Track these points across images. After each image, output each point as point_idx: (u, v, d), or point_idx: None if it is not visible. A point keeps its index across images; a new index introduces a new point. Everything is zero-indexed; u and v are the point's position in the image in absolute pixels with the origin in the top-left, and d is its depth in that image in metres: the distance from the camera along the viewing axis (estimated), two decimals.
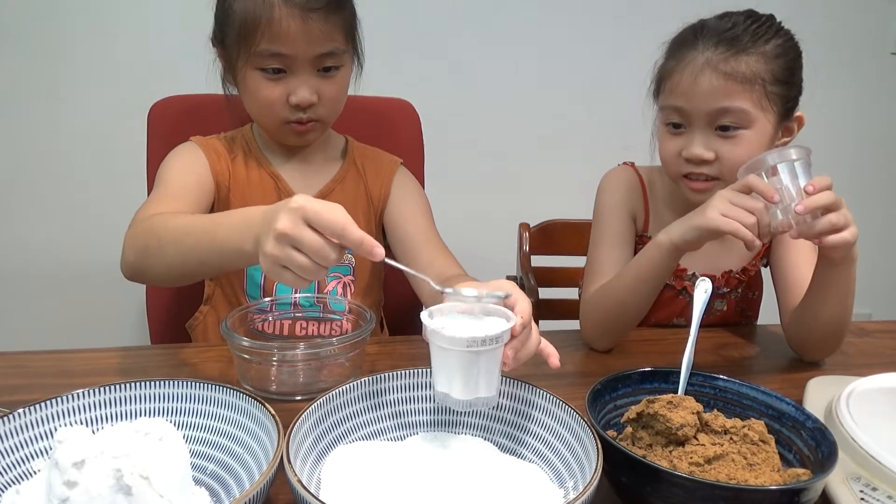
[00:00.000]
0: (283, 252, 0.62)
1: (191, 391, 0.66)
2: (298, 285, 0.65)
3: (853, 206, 0.82)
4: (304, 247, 0.62)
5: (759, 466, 0.59)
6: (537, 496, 0.60)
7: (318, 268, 0.63)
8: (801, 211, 0.77)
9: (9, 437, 0.59)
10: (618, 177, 1.10)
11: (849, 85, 2.19)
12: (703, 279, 0.76)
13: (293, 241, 0.62)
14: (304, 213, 0.62)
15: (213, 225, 0.77)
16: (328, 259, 0.63)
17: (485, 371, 0.62)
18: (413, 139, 1.36)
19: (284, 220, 0.62)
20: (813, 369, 0.97)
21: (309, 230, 0.62)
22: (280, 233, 0.62)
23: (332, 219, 0.62)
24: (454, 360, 0.61)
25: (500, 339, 0.61)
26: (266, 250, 0.63)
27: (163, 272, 0.85)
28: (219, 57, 1.01)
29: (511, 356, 0.63)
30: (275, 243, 0.62)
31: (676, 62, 0.93)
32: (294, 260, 0.62)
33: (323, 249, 0.62)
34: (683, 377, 0.70)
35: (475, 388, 0.62)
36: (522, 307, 0.65)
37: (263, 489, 0.53)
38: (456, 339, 0.60)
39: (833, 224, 0.79)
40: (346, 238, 0.62)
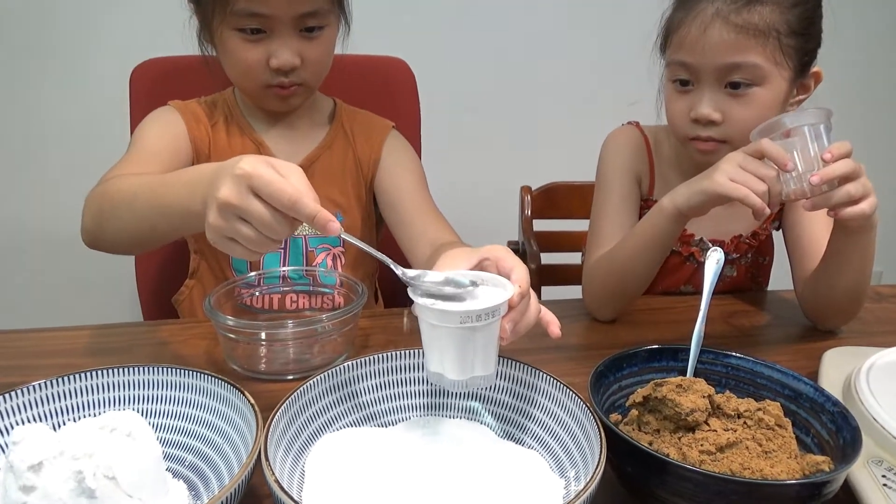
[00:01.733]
0: (228, 223, 0.56)
1: (165, 377, 0.62)
2: (248, 258, 0.59)
3: (868, 160, 0.76)
4: (251, 219, 0.56)
5: (776, 454, 0.55)
6: (537, 485, 0.56)
7: (268, 240, 0.57)
8: (817, 182, 0.72)
9: None
10: (622, 138, 1.04)
11: (870, 32, 2.09)
12: (715, 249, 0.71)
13: (238, 211, 0.56)
14: (250, 181, 0.55)
15: (162, 184, 0.71)
16: (278, 233, 0.57)
17: (481, 348, 0.56)
18: (408, 99, 1.30)
19: (229, 189, 0.55)
20: (828, 338, 0.93)
21: (256, 201, 0.55)
22: (223, 202, 0.55)
23: (282, 189, 0.55)
24: (447, 338, 0.56)
25: (496, 312, 0.56)
26: (209, 220, 0.57)
27: (117, 237, 0.80)
28: (194, 15, 0.94)
29: (509, 329, 0.57)
30: (217, 213, 0.56)
31: (685, 13, 0.86)
32: (240, 232, 0.57)
33: (272, 223, 0.56)
34: (693, 356, 0.65)
35: (471, 366, 0.57)
36: (519, 275, 0.59)
37: (240, 487, 0.49)
38: (448, 315, 0.54)
39: (850, 195, 0.73)
40: (299, 212, 0.56)
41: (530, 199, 1.42)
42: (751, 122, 0.83)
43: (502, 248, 0.63)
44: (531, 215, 1.42)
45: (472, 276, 0.59)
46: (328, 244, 1.05)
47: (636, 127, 1.06)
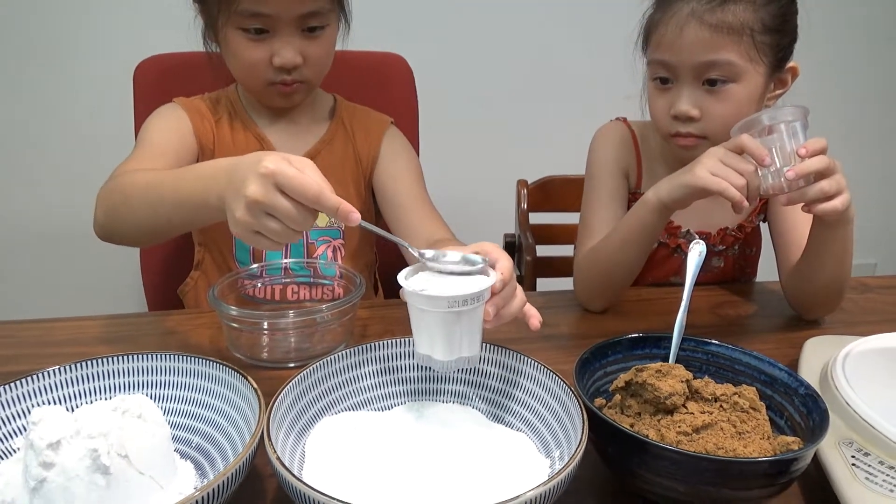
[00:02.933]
0: (257, 220, 0.60)
1: (173, 364, 0.65)
2: (273, 248, 0.64)
3: (857, 154, 0.79)
4: (279, 214, 0.60)
5: (749, 435, 0.58)
6: (524, 465, 0.60)
7: (293, 232, 0.61)
8: (792, 177, 0.75)
9: None
10: (609, 133, 1.07)
11: (851, 27, 2.11)
12: (698, 241, 0.74)
13: (266, 208, 0.60)
14: (275, 179, 0.59)
15: (176, 178, 0.75)
16: (303, 225, 0.61)
17: (466, 330, 0.60)
18: (407, 95, 1.32)
19: (256, 187, 0.59)
20: (812, 328, 0.96)
21: (282, 197, 0.59)
22: (252, 200, 0.59)
23: (306, 185, 0.59)
24: (435, 322, 0.60)
25: (480, 297, 0.60)
26: (237, 216, 0.61)
27: (132, 230, 0.83)
28: (199, 14, 0.97)
29: (492, 314, 0.62)
30: (246, 210, 0.60)
31: (662, 13, 0.89)
32: (267, 227, 0.60)
33: (297, 217, 0.60)
34: (675, 343, 0.68)
35: (458, 348, 0.61)
36: (503, 265, 0.64)
37: (244, 466, 0.52)
38: (436, 300, 0.58)
39: (824, 192, 0.76)
40: (322, 205, 0.60)
41: (527, 192, 1.45)
42: (728, 117, 0.86)
43: (489, 244, 0.67)
44: (527, 208, 1.45)
45: (477, 257, 0.63)
46: (328, 237, 1.08)
47: (624, 122, 1.09)
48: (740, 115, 0.88)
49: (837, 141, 1.04)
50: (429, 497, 0.54)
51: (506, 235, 1.50)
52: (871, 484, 0.58)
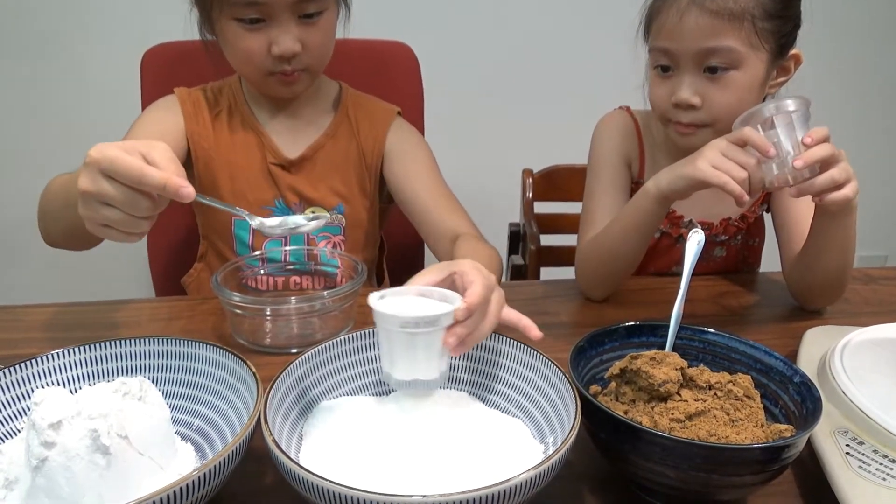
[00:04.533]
0: (94, 211, 0.60)
1: (173, 348, 0.66)
2: (124, 239, 0.63)
3: (867, 146, 0.78)
4: (111, 201, 0.59)
5: (742, 422, 0.58)
6: (518, 449, 0.60)
7: (136, 219, 0.61)
8: (800, 166, 0.74)
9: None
10: (612, 122, 1.07)
11: (860, 17, 2.09)
12: (696, 230, 0.74)
13: (97, 197, 0.59)
14: (99, 166, 0.59)
15: (69, 183, 0.74)
16: (141, 210, 0.60)
17: (423, 353, 0.60)
18: (412, 84, 1.32)
19: (83, 178, 0.59)
20: (814, 318, 0.96)
21: (109, 183, 0.59)
22: (82, 191, 0.59)
23: (126, 166, 0.58)
24: (392, 340, 0.60)
25: (436, 322, 0.59)
26: (80, 212, 0.61)
27: (56, 235, 0.85)
28: (195, 6, 0.96)
29: (453, 343, 0.59)
30: (83, 204, 0.60)
31: (663, 1, 0.89)
32: (107, 216, 0.60)
33: (130, 200, 0.59)
34: (672, 331, 0.69)
35: (414, 370, 0.61)
36: (474, 292, 0.60)
37: (241, 447, 0.53)
38: (389, 318, 0.59)
39: (834, 180, 0.75)
40: (147, 185, 0.59)
41: (532, 181, 1.45)
42: (730, 105, 0.86)
43: (470, 264, 0.64)
44: (532, 198, 1.45)
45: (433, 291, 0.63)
46: (329, 233, 1.08)
47: (627, 111, 1.08)
48: (742, 103, 0.88)
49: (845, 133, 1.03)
50: (423, 480, 0.55)
51: (511, 224, 1.51)
52: (864, 472, 0.58)
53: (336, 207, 1.07)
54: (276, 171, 1.04)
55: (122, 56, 1.39)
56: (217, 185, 1.04)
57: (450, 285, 0.64)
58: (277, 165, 1.04)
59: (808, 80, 0.95)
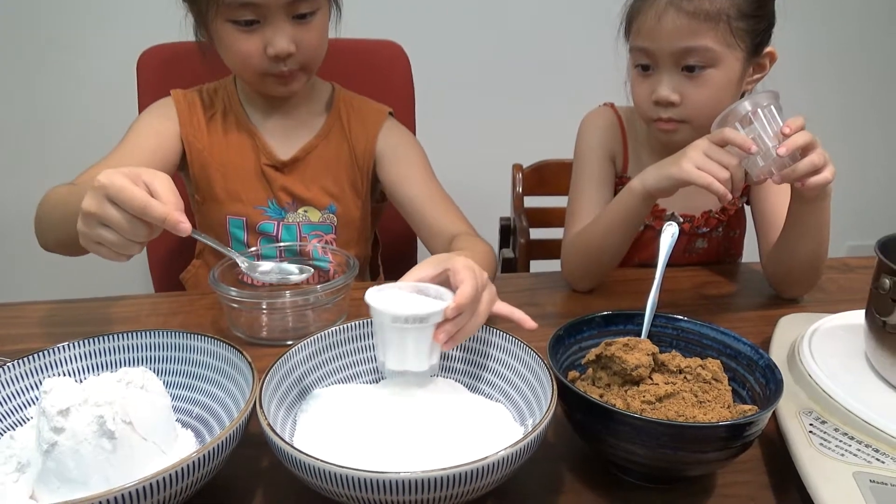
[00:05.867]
0: (91, 230, 0.65)
1: (173, 340, 0.70)
2: (113, 258, 0.67)
3: (861, 136, 0.81)
4: (111, 224, 0.64)
5: (710, 404, 0.62)
6: (499, 431, 0.64)
7: (131, 243, 0.65)
8: (784, 153, 0.78)
9: (3, 387, 0.63)
10: (597, 119, 1.10)
11: (861, 10, 2.12)
12: (671, 223, 0.77)
13: (98, 218, 0.64)
14: (106, 191, 0.63)
15: (70, 195, 0.79)
16: (137, 235, 0.65)
17: (413, 347, 0.64)
18: (403, 82, 1.34)
19: (89, 200, 0.64)
20: (791, 306, 0.99)
21: (113, 208, 0.64)
22: (85, 211, 0.64)
23: (133, 197, 0.63)
24: (385, 333, 0.65)
25: (426, 319, 0.63)
26: (78, 227, 0.65)
27: (52, 242, 0.89)
28: (189, 11, 0.99)
29: (443, 339, 0.63)
30: (82, 221, 0.65)
31: (642, 2, 0.92)
32: (103, 236, 0.65)
33: (128, 227, 0.64)
34: (647, 319, 0.72)
35: (404, 361, 0.65)
36: (463, 291, 0.64)
37: (237, 432, 0.56)
38: (381, 314, 0.63)
39: (814, 164, 0.79)
40: (149, 216, 0.64)
41: (521, 176, 1.49)
42: (707, 102, 0.89)
43: (463, 263, 0.67)
44: (522, 192, 1.48)
45: (429, 288, 0.67)
46: (320, 231, 1.11)
47: (611, 108, 1.12)
48: (719, 100, 0.91)
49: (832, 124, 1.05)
50: (408, 460, 0.58)
51: (501, 219, 1.54)
52: (825, 449, 0.62)
53: (328, 207, 1.10)
54: (269, 171, 1.07)
55: (119, 57, 1.42)
56: (211, 186, 1.07)
57: (444, 281, 0.68)
58: (271, 166, 1.07)
59: (799, 76, 0.98)
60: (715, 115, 0.92)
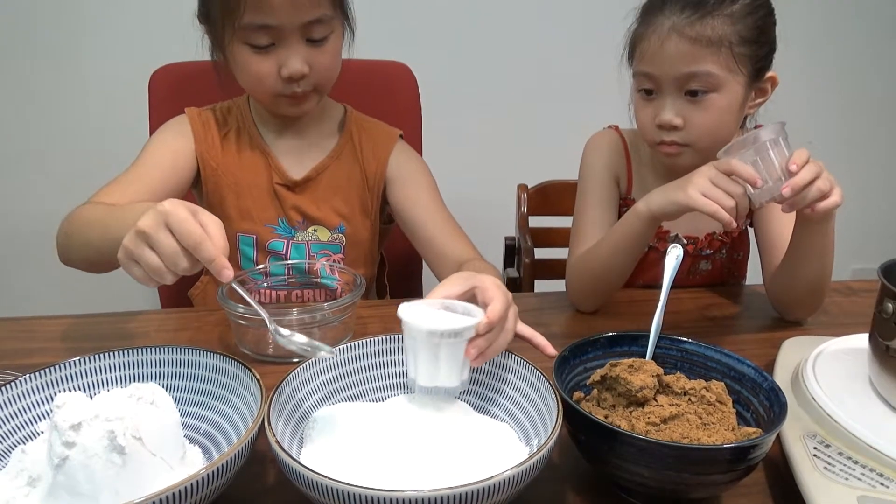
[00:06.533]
0: (137, 247, 0.66)
1: (183, 357, 0.71)
2: (145, 283, 0.67)
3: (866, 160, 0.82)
4: (158, 248, 0.65)
5: (714, 426, 0.62)
6: (505, 452, 0.64)
7: (168, 271, 0.66)
8: (789, 194, 0.79)
9: (15, 401, 0.64)
10: (601, 141, 1.12)
11: (858, 35, 2.15)
12: (675, 245, 0.78)
13: (149, 239, 0.65)
14: (167, 217, 0.65)
15: (112, 217, 0.80)
16: (178, 266, 0.66)
17: (445, 363, 0.65)
18: (410, 102, 1.37)
19: (147, 219, 0.65)
20: (794, 329, 0.99)
21: (166, 234, 0.65)
22: (139, 229, 0.65)
23: (192, 231, 0.64)
24: (418, 349, 0.65)
25: (459, 334, 0.64)
26: (124, 242, 0.66)
27: (78, 258, 0.89)
28: (206, 34, 1.01)
29: (474, 354, 0.65)
30: (132, 237, 0.66)
31: (645, 28, 0.94)
32: (144, 257, 0.66)
33: (175, 256, 0.65)
34: (651, 341, 0.73)
35: (436, 377, 0.66)
36: (495, 308, 0.66)
37: (245, 449, 0.57)
38: (416, 330, 0.64)
39: (821, 190, 0.81)
40: (200, 253, 0.65)
41: (526, 196, 1.50)
42: (710, 125, 0.91)
43: (491, 281, 0.70)
44: (527, 212, 1.50)
45: (456, 304, 0.68)
46: (329, 251, 1.12)
47: (615, 130, 1.13)
48: (722, 124, 0.93)
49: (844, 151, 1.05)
50: (415, 478, 0.59)
51: (506, 238, 1.55)
52: (829, 473, 0.62)
53: (338, 227, 1.12)
54: (280, 191, 1.09)
55: (131, 76, 1.44)
56: (223, 203, 1.08)
57: (471, 298, 0.70)
58: (283, 185, 1.09)
59: (803, 100, 1.00)
60: (718, 138, 0.94)
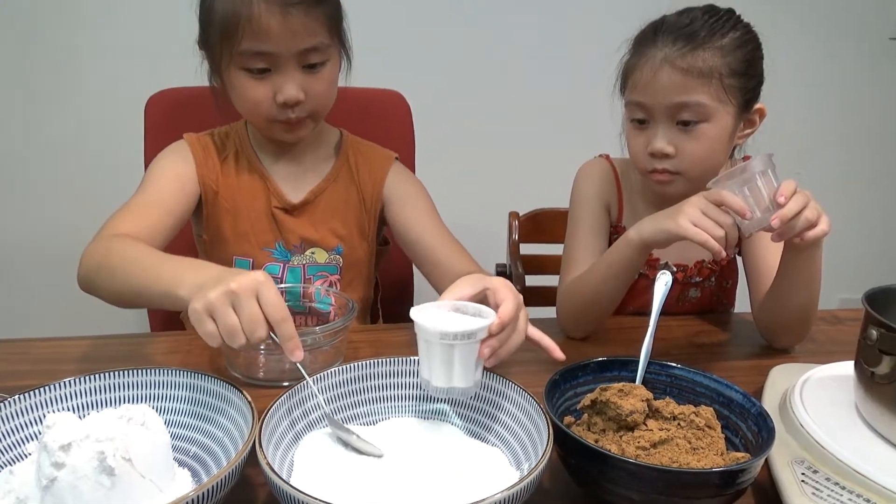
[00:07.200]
0: (223, 305, 0.66)
1: (174, 378, 0.71)
2: (211, 341, 0.68)
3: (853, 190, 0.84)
4: (243, 311, 0.66)
5: (703, 450, 0.63)
6: (495, 477, 0.64)
7: (242, 334, 0.66)
8: (777, 225, 0.81)
9: (4, 422, 0.64)
10: (592, 169, 1.14)
11: (847, 70, 2.20)
12: (664, 272, 0.80)
13: (237, 300, 0.66)
14: (262, 287, 0.66)
15: (152, 263, 0.80)
16: (255, 333, 0.66)
17: (459, 363, 0.66)
18: (404, 130, 1.38)
19: (242, 282, 0.66)
20: (781, 357, 1.00)
21: (255, 301, 0.66)
22: (233, 289, 0.66)
23: (280, 305, 0.66)
24: (432, 351, 0.67)
25: (473, 335, 0.66)
26: (209, 294, 0.66)
27: (107, 295, 0.89)
28: (205, 59, 1.02)
29: (487, 353, 0.67)
30: (222, 293, 0.66)
31: (638, 59, 0.96)
32: (227, 316, 0.66)
33: (256, 323, 0.66)
34: (641, 366, 0.74)
35: (451, 377, 0.67)
36: (506, 308, 0.69)
37: (235, 471, 0.57)
38: (430, 332, 0.65)
39: (809, 220, 0.82)
40: (281, 328, 0.67)
41: (518, 224, 1.51)
42: (701, 154, 0.93)
43: (501, 282, 0.73)
44: (518, 239, 1.51)
45: (467, 306, 0.71)
46: (326, 272, 1.13)
47: (606, 159, 1.15)
48: (712, 152, 0.95)
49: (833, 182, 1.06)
50: (405, 502, 0.59)
51: (497, 265, 1.56)
52: (817, 498, 0.62)
53: (335, 248, 1.12)
54: (279, 214, 1.10)
55: (127, 101, 1.45)
56: (221, 227, 1.09)
57: (482, 299, 0.72)
58: (281, 209, 1.10)
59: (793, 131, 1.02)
60: (708, 167, 0.96)
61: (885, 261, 2.43)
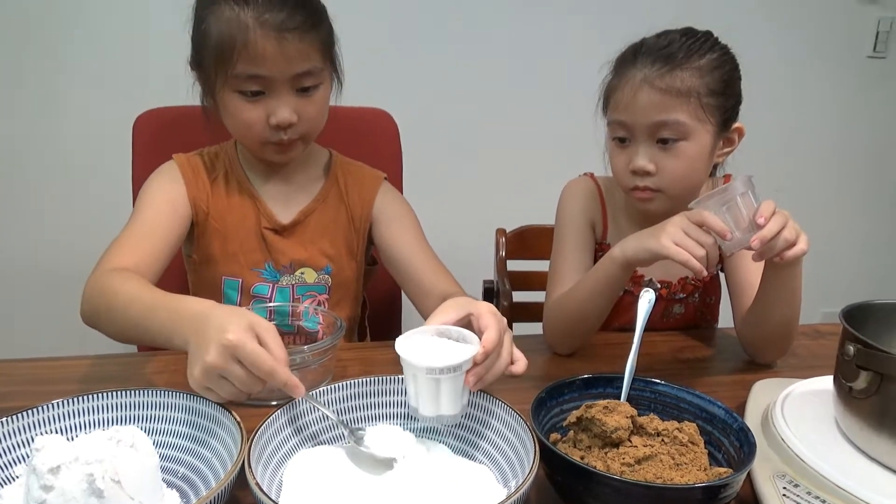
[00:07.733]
0: (210, 381, 0.68)
1: (163, 399, 0.71)
2: (218, 401, 0.70)
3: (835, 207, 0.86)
4: (232, 379, 0.67)
5: (686, 466, 0.64)
6: (483, 494, 0.65)
7: (244, 393, 0.68)
8: (757, 247, 0.82)
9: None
10: (577, 187, 1.15)
11: (827, 88, 2.25)
12: (647, 290, 0.81)
13: (222, 373, 0.67)
14: (234, 352, 0.66)
15: (153, 307, 0.81)
16: (254, 390, 0.68)
17: (445, 393, 0.68)
18: (392, 149, 1.40)
19: (216, 356, 0.66)
20: (764, 371, 1.02)
21: (238, 366, 0.67)
22: (210, 366, 0.67)
23: (261, 361, 0.67)
24: (419, 383, 0.68)
25: (459, 367, 0.67)
26: (195, 374, 0.68)
27: (113, 333, 0.89)
28: (197, 80, 1.03)
29: (472, 382, 0.68)
30: (203, 372, 0.67)
31: (619, 79, 0.99)
32: (221, 389, 0.68)
33: (249, 384, 0.68)
34: (626, 383, 0.75)
35: (438, 406, 0.69)
36: (489, 336, 0.70)
37: (224, 492, 0.57)
38: (416, 367, 0.67)
39: (788, 241, 0.84)
40: (273, 381, 0.68)
41: (505, 240, 1.52)
42: (681, 171, 0.95)
43: (486, 307, 0.74)
44: (505, 256, 1.52)
45: (450, 331, 0.72)
46: (314, 292, 1.13)
47: (590, 177, 1.17)
48: (692, 170, 0.97)
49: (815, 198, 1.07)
50: None
51: (485, 281, 1.57)
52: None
53: (324, 268, 1.13)
54: (268, 235, 1.10)
55: (115, 120, 1.45)
56: (210, 247, 1.09)
57: (466, 324, 0.74)
58: (271, 230, 1.11)
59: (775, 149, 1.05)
60: (689, 184, 0.98)
61: (867, 275, 2.47)
